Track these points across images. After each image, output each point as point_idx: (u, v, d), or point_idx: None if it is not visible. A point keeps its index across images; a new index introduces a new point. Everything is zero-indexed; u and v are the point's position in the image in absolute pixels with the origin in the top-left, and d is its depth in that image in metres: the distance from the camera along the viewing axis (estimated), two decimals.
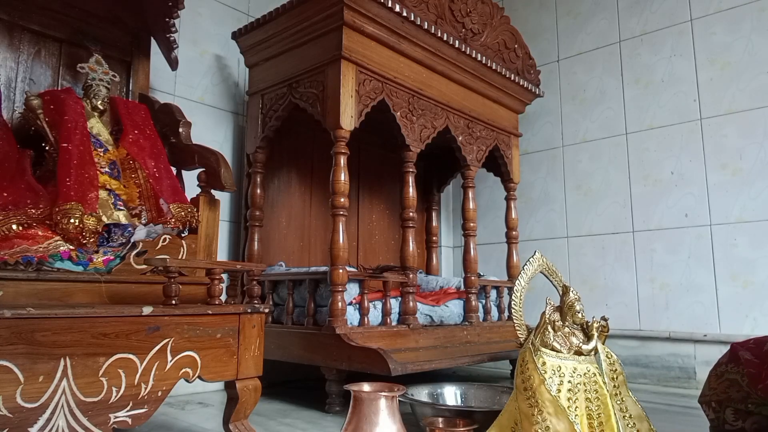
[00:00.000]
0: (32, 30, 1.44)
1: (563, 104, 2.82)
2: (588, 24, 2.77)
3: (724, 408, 0.94)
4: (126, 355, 0.96)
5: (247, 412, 1.19)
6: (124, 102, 1.45)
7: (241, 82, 2.28)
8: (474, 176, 2.22)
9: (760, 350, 0.93)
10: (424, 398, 1.43)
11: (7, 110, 1.36)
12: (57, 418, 0.86)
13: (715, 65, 2.35)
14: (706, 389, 1.00)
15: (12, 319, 0.83)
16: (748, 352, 0.94)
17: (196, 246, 1.34)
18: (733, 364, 0.96)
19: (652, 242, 2.44)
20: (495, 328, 2.16)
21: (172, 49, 1.58)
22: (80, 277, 1.10)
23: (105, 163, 1.31)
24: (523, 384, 0.83)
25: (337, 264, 1.66)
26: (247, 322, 1.17)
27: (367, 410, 0.90)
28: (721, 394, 0.95)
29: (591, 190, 2.67)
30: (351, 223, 2.55)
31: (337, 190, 1.68)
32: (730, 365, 0.97)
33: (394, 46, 1.86)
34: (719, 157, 2.30)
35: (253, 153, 2.01)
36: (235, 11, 2.31)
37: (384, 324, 1.80)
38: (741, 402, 0.92)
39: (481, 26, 2.18)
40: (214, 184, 1.40)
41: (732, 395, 0.94)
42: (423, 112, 1.98)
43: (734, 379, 0.95)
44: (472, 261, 2.13)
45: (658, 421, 1.58)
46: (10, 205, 1.09)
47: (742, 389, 0.93)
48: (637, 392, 2.04)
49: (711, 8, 2.38)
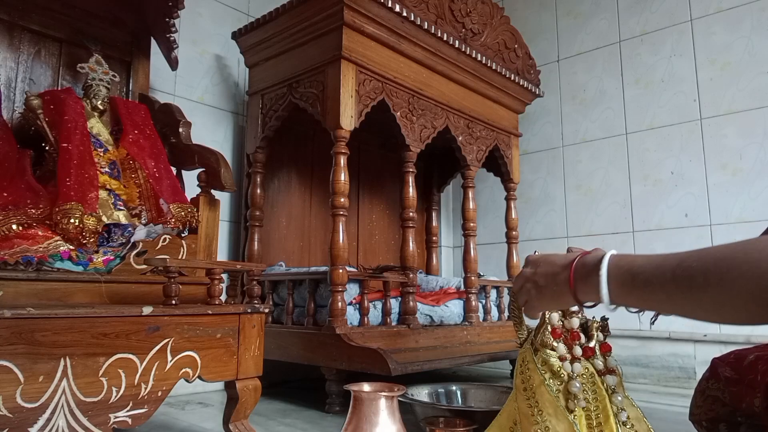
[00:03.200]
0: (32, 30, 1.43)
1: (563, 104, 2.82)
2: (588, 24, 2.77)
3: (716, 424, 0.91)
4: (126, 355, 0.96)
5: (247, 412, 1.19)
6: (124, 102, 1.45)
7: (241, 82, 2.28)
8: (474, 176, 2.22)
9: (740, 365, 0.87)
10: (424, 398, 1.43)
11: (7, 110, 1.36)
12: (57, 418, 0.86)
13: (715, 65, 2.35)
14: (694, 407, 0.95)
15: (12, 319, 0.83)
16: (728, 367, 0.90)
17: (196, 246, 1.34)
18: (714, 380, 0.92)
19: (652, 242, 2.43)
20: (495, 328, 2.16)
21: (172, 49, 1.58)
22: (80, 277, 1.10)
23: (105, 163, 1.31)
24: (522, 384, 0.83)
25: (337, 264, 1.66)
26: (247, 322, 1.17)
27: (367, 410, 0.90)
28: (709, 412, 0.92)
29: (591, 190, 2.67)
30: (351, 223, 2.55)
31: (337, 190, 1.68)
32: (711, 381, 0.93)
33: (394, 46, 1.86)
34: (719, 157, 2.30)
35: (253, 153, 2.01)
36: (235, 11, 2.31)
37: (384, 324, 1.80)
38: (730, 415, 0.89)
39: (481, 26, 2.18)
40: (214, 184, 1.40)
41: (719, 411, 0.90)
42: (423, 112, 1.98)
43: (717, 396, 0.91)
44: (472, 261, 2.13)
45: (658, 422, 1.58)
46: (10, 205, 1.09)
47: (727, 405, 0.89)
48: (637, 392, 2.06)
49: (711, 8, 2.38)
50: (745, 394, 0.84)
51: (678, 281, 0.57)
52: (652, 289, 0.59)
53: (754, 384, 0.82)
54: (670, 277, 0.57)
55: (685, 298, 0.56)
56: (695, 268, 0.55)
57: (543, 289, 0.73)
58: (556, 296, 0.72)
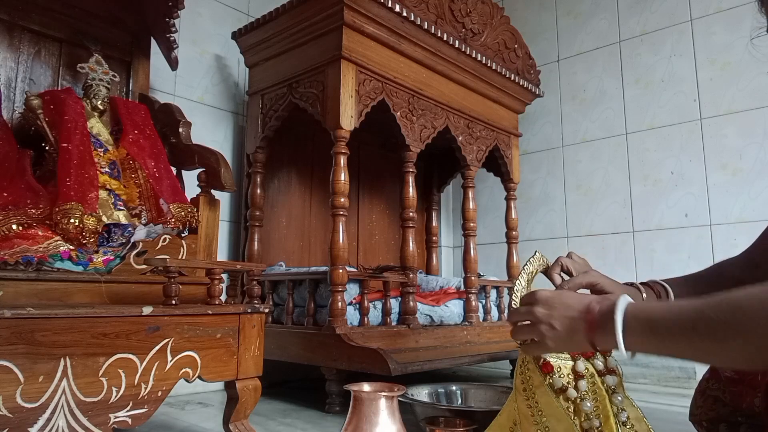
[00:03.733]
0: (32, 30, 1.43)
1: (563, 104, 2.82)
2: (588, 24, 2.77)
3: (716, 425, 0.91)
4: (126, 355, 0.96)
5: (247, 412, 1.19)
6: (124, 102, 1.45)
7: (241, 82, 2.28)
8: (474, 176, 2.22)
9: None
10: (424, 398, 1.43)
11: (7, 110, 1.36)
12: (57, 418, 0.86)
13: (715, 65, 2.35)
14: (694, 407, 0.95)
15: (12, 319, 0.83)
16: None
17: (196, 246, 1.34)
18: (714, 380, 0.92)
19: (652, 242, 2.44)
20: (495, 328, 2.16)
21: (172, 49, 1.58)
22: (80, 277, 1.10)
23: (105, 163, 1.31)
24: (522, 385, 0.83)
25: (337, 264, 1.66)
26: (247, 322, 1.17)
27: (367, 410, 0.90)
28: (709, 412, 0.92)
29: (591, 190, 2.67)
30: (351, 223, 2.55)
31: (337, 190, 1.68)
32: (712, 381, 0.93)
33: (394, 46, 1.86)
34: (719, 157, 2.30)
35: (253, 153, 2.01)
36: (235, 11, 2.31)
37: (384, 324, 1.80)
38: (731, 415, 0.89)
39: (481, 26, 2.18)
40: (214, 184, 1.40)
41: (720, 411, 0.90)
42: (423, 112, 1.97)
43: (717, 396, 0.91)
44: (472, 261, 2.13)
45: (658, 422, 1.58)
46: (10, 205, 1.09)
47: (727, 405, 0.89)
48: (637, 392, 2.06)
49: (711, 8, 2.38)
50: (745, 394, 0.84)
51: (700, 334, 0.57)
52: (675, 339, 0.60)
53: (755, 384, 0.83)
54: (690, 327, 0.58)
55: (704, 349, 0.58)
56: (714, 320, 0.56)
57: (560, 334, 0.71)
58: (573, 343, 0.71)
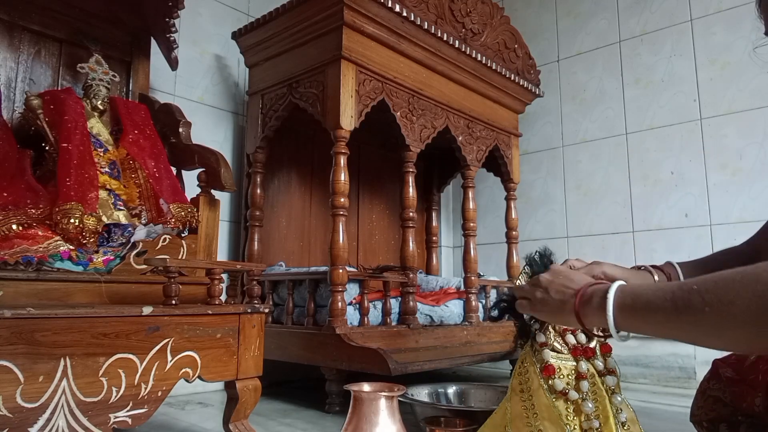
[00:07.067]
0: (32, 30, 1.43)
1: (563, 104, 2.82)
2: (588, 24, 2.77)
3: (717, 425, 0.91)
4: (126, 355, 0.96)
5: (247, 412, 1.19)
6: (124, 102, 1.45)
7: (241, 82, 2.28)
8: (474, 176, 2.22)
9: (741, 365, 0.88)
10: (424, 398, 1.43)
11: (7, 110, 1.36)
12: (57, 418, 0.86)
13: (715, 65, 2.35)
14: (695, 408, 0.96)
15: (12, 319, 0.83)
16: (729, 368, 0.90)
17: (196, 246, 1.34)
18: (715, 381, 0.93)
19: (652, 242, 2.43)
20: (495, 328, 2.16)
21: (172, 49, 1.58)
22: (80, 277, 1.10)
23: (105, 163, 1.31)
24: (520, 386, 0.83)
25: (337, 264, 1.66)
26: (247, 322, 1.17)
27: (367, 410, 0.90)
28: (710, 412, 0.92)
29: (591, 190, 2.67)
30: (351, 223, 2.54)
31: (337, 190, 1.68)
32: (712, 382, 0.93)
33: (394, 46, 1.86)
34: (719, 157, 2.30)
35: (253, 153, 2.01)
36: (235, 11, 2.31)
37: (384, 324, 1.80)
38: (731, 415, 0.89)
39: (481, 26, 2.18)
40: (214, 184, 1.40)
41: (720, 411, 0.91)
42: (423, 112, 1.97)
43: (718, 396, 0.91)
44: (472, 261, 2.13)
45: (658, 422, 1.59)
46: (10, 205, 1.09)
47: (728, 405, 0.89)
48: (637, 392, 2.06)
49: (711, 8, 2.38)
50: (746, 394, 0.85)
51: (677, 302, 0.57)
52: (653, 311, 0.60)
53: (755, 384, 0.83)
54: (669, 298, 0.58)
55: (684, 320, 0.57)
56: (694, 290, 0.56)
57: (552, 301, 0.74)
58: (563, 314, 0.73)
